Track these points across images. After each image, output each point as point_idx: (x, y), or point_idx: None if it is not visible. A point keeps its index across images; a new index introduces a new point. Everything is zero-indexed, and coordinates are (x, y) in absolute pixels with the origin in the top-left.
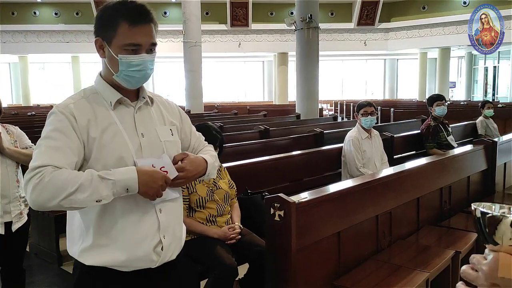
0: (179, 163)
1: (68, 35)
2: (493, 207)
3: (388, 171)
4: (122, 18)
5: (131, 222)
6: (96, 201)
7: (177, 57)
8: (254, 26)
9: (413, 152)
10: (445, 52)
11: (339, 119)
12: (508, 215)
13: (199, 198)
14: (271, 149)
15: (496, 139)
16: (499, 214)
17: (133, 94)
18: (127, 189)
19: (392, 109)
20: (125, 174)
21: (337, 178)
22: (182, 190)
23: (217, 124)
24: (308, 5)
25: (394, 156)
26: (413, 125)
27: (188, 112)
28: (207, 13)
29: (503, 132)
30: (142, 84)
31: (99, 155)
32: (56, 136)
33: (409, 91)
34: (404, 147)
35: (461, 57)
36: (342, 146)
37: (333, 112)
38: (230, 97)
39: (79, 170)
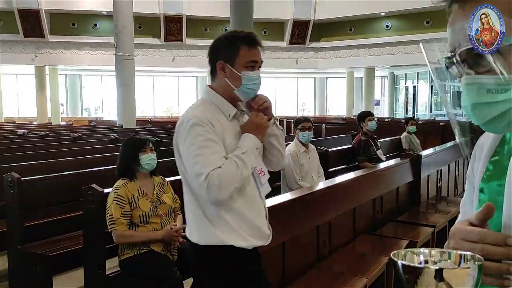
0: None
1: None
2: (415, 257)
3: (326, 183)
4: (242, 42)
5: (251, 211)
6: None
7: (108, 71)
8: (188, 41)
9: (345, 166)
10: (370, 72)
11: None
12: (430, 266)
13: (142, 213)
14: None
15: (420, 153)
16: (422, 266)
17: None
18: (257, 148)
19: (323, 125)
20: (248, 141)
21: (276, 191)
22: (124, 205)
23: (153, 139)
24: (243, 23)
25: (329, 169)
26: (344, 140)
27: (120, 127)
28: (140, 27)
29: (423, 146)
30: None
31: None
32: (209, 145)
33: (338, 108)
34: (338, 160)
35: (384, 77)
36: None
37: None
38: (163, 112)
39: None
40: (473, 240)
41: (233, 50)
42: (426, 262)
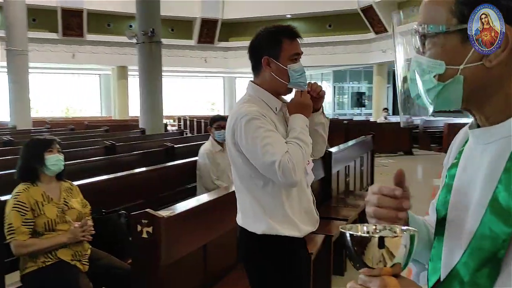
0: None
1: None
2: (359, 227)
3: None
4: (283, 36)
5: (303, 199)
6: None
7: None
8: (89, 37)
9: None
10: None
11: (184, 134)
12: (374, 235)
13: (48, 220)
14: (119, 165)
15: (331, 150)
16: (367, 235)
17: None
18: (306, 125)
19: None
20: (298, 121)
21: (192, 192)
22: (25, 213)
23: None
24: (150, 19)
25: None
26: None
27: (14, 128)
28: (34, 20)
29: (329, 144)
30: None
31: None
32: (271, 134)
33: None
34: None
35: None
36: (194, 160)
37: (176, 128)
38: (62, 112)
39: None
40: (375, 192)
41: (277, 45)
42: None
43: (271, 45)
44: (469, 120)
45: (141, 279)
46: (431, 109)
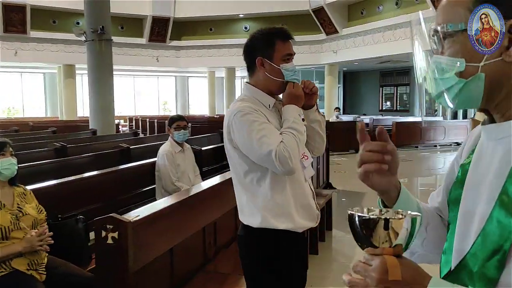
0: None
1: None
2: (365, 209)
3: (210, 183)
4: (277, 37)
5: (300, 193)
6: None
7: None
8: (33, 34)
9: (218, 164)
10: (231, 72)
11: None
12: (381, 217)
13: (1, 228)
14: (71, 168)
15: None
16: (376, 217)
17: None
18: (299, 115)
19: (189, 124)
20: (291, 111)
21: (151, 194)
22: None
23: None
24: (99, 16)
25: (203, 169)
26: (213, 139)
27: None
28: None
29: None
30: None
31: None
32: (266, 126)
33: (200, 107)
34: (211, 159)
35: (244, 77)
36: (153, 161)
37: (127, 128)
38: (4, 113)
39: None
40: (363, 142)
41: (270, 46)
42: None
43: (265, 46)
44: (417, 119)
45: (106, 287)
46: (452, 107)
